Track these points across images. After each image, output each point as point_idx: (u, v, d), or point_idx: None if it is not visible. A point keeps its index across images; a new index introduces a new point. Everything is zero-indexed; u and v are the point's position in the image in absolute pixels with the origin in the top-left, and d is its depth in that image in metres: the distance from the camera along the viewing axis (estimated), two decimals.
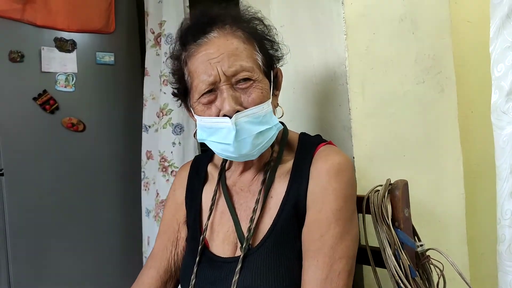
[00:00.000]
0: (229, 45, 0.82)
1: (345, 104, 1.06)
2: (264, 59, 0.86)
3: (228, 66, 0.81)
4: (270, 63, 0.88)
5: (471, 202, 1.20)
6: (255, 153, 0.85)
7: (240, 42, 0.83)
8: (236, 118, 0.80)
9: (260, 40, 0.87)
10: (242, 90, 0.82)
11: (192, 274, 0.87)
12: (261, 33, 0.89)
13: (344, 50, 1.05)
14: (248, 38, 0.85)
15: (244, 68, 0.81)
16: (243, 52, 0.83)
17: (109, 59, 2.27)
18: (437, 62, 1.15)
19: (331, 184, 0.82)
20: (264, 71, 0.86)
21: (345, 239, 0.80)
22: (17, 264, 2.01)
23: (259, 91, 0.82)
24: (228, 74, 0.81)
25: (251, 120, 0.81)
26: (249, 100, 0.81)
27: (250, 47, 0.84)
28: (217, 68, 0.81)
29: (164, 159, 1.82)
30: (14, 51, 2.03)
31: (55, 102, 2.11)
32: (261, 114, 0.81)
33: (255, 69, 0.83)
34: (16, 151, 2.03)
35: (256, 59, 0.85)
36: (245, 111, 0.81)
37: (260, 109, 0.81)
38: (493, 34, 0.80)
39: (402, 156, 1.12)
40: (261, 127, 0.81)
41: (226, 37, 0.83)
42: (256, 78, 0.82)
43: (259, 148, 0.84)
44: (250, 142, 0.81)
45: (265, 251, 0.82)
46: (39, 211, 2.07)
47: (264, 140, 0.83)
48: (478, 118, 1.29)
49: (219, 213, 0.93)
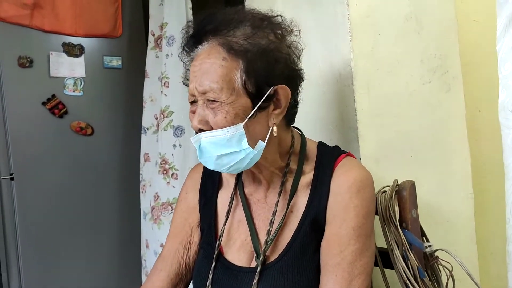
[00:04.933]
0: (206, 61, 0.80)
1: (351, 105, 1.06)
2: (253, 77, 0.80)
3: (199, 84, 0.80)
4: (264, 81, 0.81)
5: (479, 202, 1.20)
6: (225, 171, 0.84)
7: (218, 59, 0.79)
8: (199, 137, 0.81)
9: (252, 57, 0.79)
10: (211, 110, 0.80)
11: (207, 280, 0.87)
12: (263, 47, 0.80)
13: (350, 51, 1.05)
14: (233, 55, 0.79)
15: (211, 89, 0.79)
16: (217, 70, 0.79)
17: (117, 63, 2.29)
18: (443, 62, 1.14)
19: (353, 201, 0.81)
20: (246, 91, 0.80)
21: (364, 256, 0.80)
22: (28, 264, 2.04)
23: (222, 115, 0.79)
24: (199, 91, 0.80)
25: (214, 141, 0.80)
26: (214, 121, 0.80)
27: (230, 64, 0.79)
28: (193, 83, 0.81)
29: (165, 162, 1.81)
30: (23, 57, 2.06)
31: (63, 106, 2.14)
32: (224, 137, 0.79)
33: (224, 90, 0.78)
34: (26, 155, 2.05)
35: (233, 78, 0.79)
36: (205, 133, 0.80)
37: (224, 133, 0.79)
38: (500, 33, 0.80)
39: (409, 157, 1.11)
40: (224, 150, 0.80)
41: (210, 51, 0.81)
42: (223, 100, 0.78)
43: (227, 168, 0.82)
44: (212, 162, 0.82)
45: (283, 265, 0.82)
46: (48, 214, 2.10)
47: (231, 162, 0.81)
48: (486, 117, 1.27)
49: (236, 221, 0.92)
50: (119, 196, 2.28)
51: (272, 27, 0.84)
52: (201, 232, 0.96)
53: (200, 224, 0.97)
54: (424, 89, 1.13)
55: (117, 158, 2.28)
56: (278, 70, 0.82)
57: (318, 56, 1.16)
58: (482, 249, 1.20)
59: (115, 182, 2.28)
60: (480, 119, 1.28)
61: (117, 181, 2.28)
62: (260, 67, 0.80)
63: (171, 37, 1.81)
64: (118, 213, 2.27)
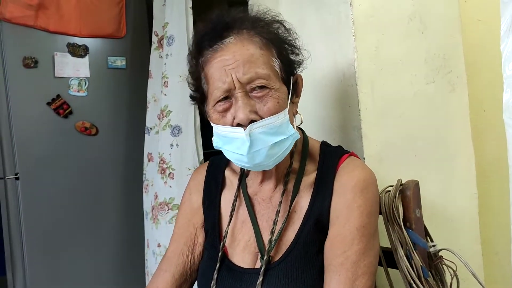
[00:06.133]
0: (245, 51, 0.80)
1: (354, 105, 1.06)
2: (283, 65, 0.83)
3: (243, 73, 0.78)
4: (289, 69, 0.85)
5: (484, 202, 1.19)
6: (270, 164, 0.83)
7: (256, 48, 0.81)
8: (251, 129, 0.78)
9: (280, 46, 0.84)
10: (258, 98, 0.79)
11: (212, 281, 0.87)
12: (281, 38, 0.86)
13: (353, 51, 1.05)
14: (265, 44, 0.82)
15: (259, 76, 0.79)
16: (259, 58, 0.80)
17: (121, 63, 2.30)
18: (447, 62, 1.14)
19: (356, 200, 0.81)
20: (282, 78, 0.83)
21: (368, 256, 0.80)
22: (33, 264, 2.05)
23: (275, 100, 0.79)
24: (242, 81, 0.79)
25: (266, 131, 0.78)
26: (265, 109, 0.79)
27: (267, 53, 0.81)
28: (231, 75, 0.79)
29: (163, 161, 1.80)
30: (28, 57, 2.07)
31: (68, 106, 2.15)
32: (276, 125, 0.79)
33: (271, 76, 0.80)
34: (31, 155, 2.06)
35: (273, 65, 0.81)
36: (260, 122, 0.78)
37: (276, 119, 0.79)
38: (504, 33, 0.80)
39: (413, 156, 1.11)
40: (276, 138, 0.79)
41: (242, 42, 0.81)
42: (272, 86, 0.80)
43: (274, 159, 0.82)
44: (265, 153, 0.80)
45: (287, 265, 0.82)
46: (53, 214, 2.11)
47: (280, 151, 0.81)
48: (490, 117, 1.27)
49: (240, 222, 0.92)
50: (123, 196, 2.28)
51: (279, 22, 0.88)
52: (205, 233, 0.96)
53: (204, 225, 0.97)
54: (428, 89, 1.13)
55: (121, 158, 2.29)
56: (295, 58, 0.88)
57: (321, 56, 1.16)
58: (486, 248, 1.20)
59: (119, 182, 2.28)
60: (484, 118, 1.28)
61: (121, 181, 2.29)
62: (287, 56, 0.85)
63: (171, 37, 1.81)
64: (122, 213, 2.28)
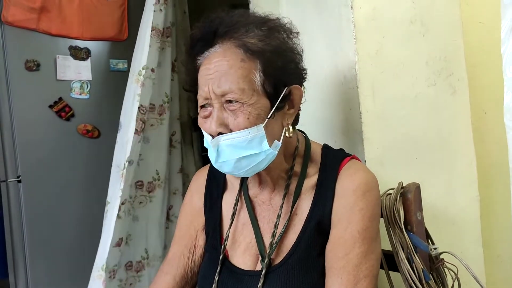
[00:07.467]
0: (225, 62, 0.79)
1: (355, 108, 1.06)
2: (269, 78, 0.80)
3: (217, 86, 0.78)
4: (280, 81, 0.82)
5: (485, 205, 1.19)
6: (242, 174, 0.83)
7: (237, 60, 0.79)
8: (217, 140, 0.79)
9: (269, 57, 0.80)
10: (231, 111, 0.79)
11: (213, 284, 0.87)
12: (277, 47, 0.82)
13: (354, 54, 1.05)
14: (249, 56, 0.79)
15: (232, 90, 0.78)
16: (237, 71, 0.78)
17: (123, 66, 2.30)
18: (448, 64, 1.14)
19: (358, 204, 0.81)
20: (265, 92, 0.80)
21: (369, 259, 0.80)
22: (34, 266, 2.05)
23: (245, 116, 0.78)
24: (217, 93, 0.79)
25: (234, 144, 0.79)
26: (235, 123, 0.78)
27: (249, 65, 0.79)
28: (209, 85, 0.79)
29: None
30: (30, 60, 2.08)
31: (70, 109, 2.15)
32: (246, 139, 0.78)
33: (246, 91, 0.78)
34: (33, 158, 2.07)
35: (253, 79, 0.79)
36: (226, 135, 0.79)
37: (245, 134, 0.78)
38: (505, 35, 0.80)
39: (414, 159, 1.11)
40: (245, 152, 0.79)
41: (225, 53, 0.80)
42: (245, 101, 0.78)
43: (246, 170, 0.82)
44: (232, 164, 0.81)
45: (288, 268, 0.82)
46: (55, 216, 2.11)
47: (250, 164, 0.81)
48: (491, 120, 1.27)
49: (241, 224, 0.92)
50: None
51: (280, 29, 0.85)
52: (206, 235, 0.96)
53: (205, 228, 0.97)
54: (429, 91, 1.13)
55: None
56: (291, 70, 0.85)
57: (322, 59, 1.16)
58: (488, 251, 1.19)
59: None
60: (485, 121, 1.28)
61: None
62: (276, 67, 0.81)
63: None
64: None
